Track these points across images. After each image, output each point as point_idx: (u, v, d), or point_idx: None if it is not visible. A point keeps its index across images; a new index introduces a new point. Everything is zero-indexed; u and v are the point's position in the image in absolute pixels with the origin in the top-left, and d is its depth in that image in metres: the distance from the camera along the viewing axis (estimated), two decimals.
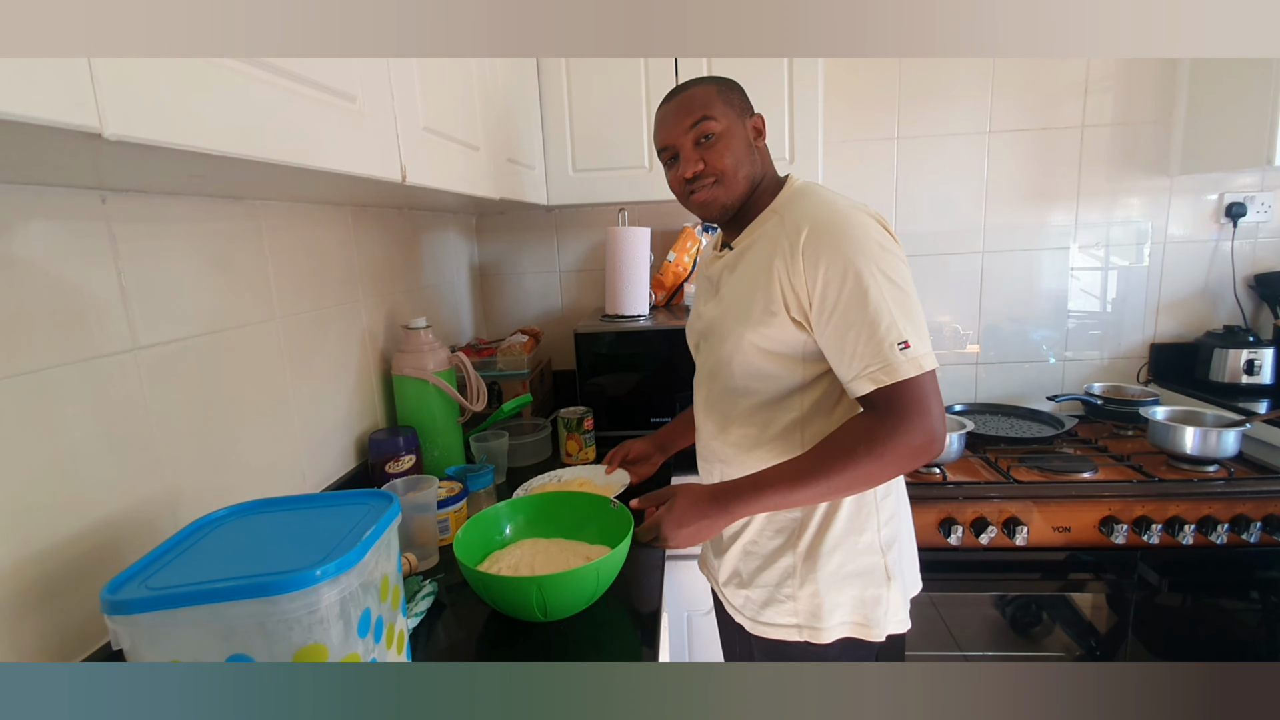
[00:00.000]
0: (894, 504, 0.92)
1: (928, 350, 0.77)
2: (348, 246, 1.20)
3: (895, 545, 0.91)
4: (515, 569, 0.86)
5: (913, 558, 0.98)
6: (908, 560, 0.96)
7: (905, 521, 0.96)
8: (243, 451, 0.92)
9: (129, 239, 0.74)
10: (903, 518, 0.95)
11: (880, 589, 0.89)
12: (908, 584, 0.94)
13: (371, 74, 0.73)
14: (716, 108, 0.87)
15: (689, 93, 0.88)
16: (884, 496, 0.90)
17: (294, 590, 0.51)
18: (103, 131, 0.38)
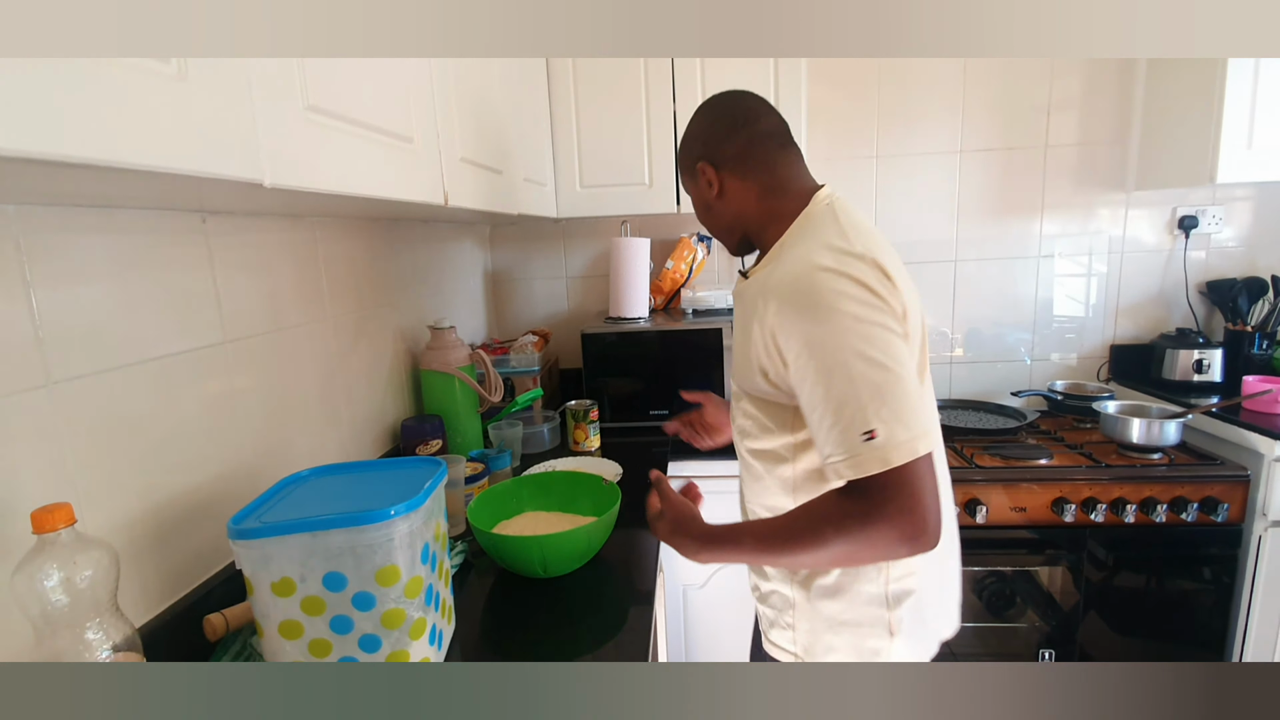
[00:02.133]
0: (919, 560, 0.80)
1: (908, 437, 0.67)
2: (384, 255, 1.37)
3: (910, 600, 0.82)
4: (520, 533, 1.01)
5: (941, 609, 0.88)
6: (931, 612, 0.85)
7: (930, 574, 0.84)
8: (300, 432, 1.07)
9: (222, 250, 0.90)
10: (928, 572, 0.83)
11: (880, 642, 0.82)
12: (925, 636, 0.86)
13: (423, 117, 0.89)
14: (683, 179, 0.92)
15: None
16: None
17: (377, 522, 0.67)
18: (265, 182, 0.55)
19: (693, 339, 1.67)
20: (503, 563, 0.98)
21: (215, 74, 0.50)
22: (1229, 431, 1.57)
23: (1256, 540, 1.51)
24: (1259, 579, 1.52)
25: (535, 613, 0.93)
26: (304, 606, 0.68)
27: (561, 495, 1.13)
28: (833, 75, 1.90)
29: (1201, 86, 1.63)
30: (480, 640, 0.87)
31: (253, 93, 0.54)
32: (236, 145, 0.52)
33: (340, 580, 0.67)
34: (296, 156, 0.60)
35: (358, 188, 0.71)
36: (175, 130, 0.47)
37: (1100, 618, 1.57)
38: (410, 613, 0.71)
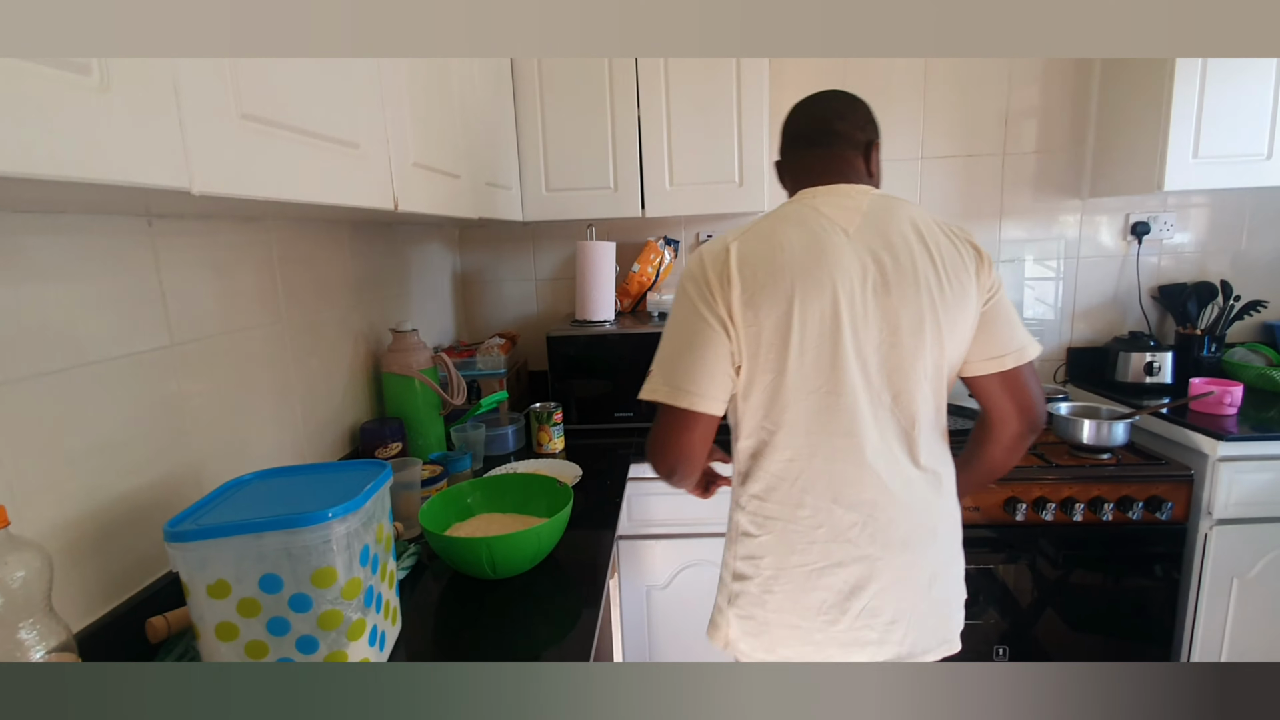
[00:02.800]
0: (763, 551, 0.92)
1: (660, 386, 0.88)
2: (344, 259, 1.37)
3: (749, 585, 0.93)
4: (473, 535, 1.02)
5: (788, 623, 0.92)
6: (775, 615, 0.92)
7: (771, 583, 0.92)
8: (254, 435, 1.08)
9: (169, 253, 0.90)
10: (770, 579, 0.92)
11: (723, 602, 0.97)
12: (759, 630, 0.94)
13: (373, 124, 0.90)
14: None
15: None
16: (745, 534, 0.94)
17: (312, 524, 0.68)
18: (192, 190, 0.55)
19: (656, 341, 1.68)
20: (454, 564, 0.99)
21: (139, 84, 0.51)
22: (1175, 432, 1.62)
23: (1202, 538, 1.56)
24: (1205, 575, 1.57)
25: (484, 614, 0.94)
26: (240, 609, 0.68)
27: (516, 498, 1.14)
28: (798, 82, 1.93)
29: (1150, 97, 1.68)
30: (426, 641, 0.88)
31: (180, 102, 0.55)
32: (162, 154, 0.53)
33: (276, 582, 0.68)
34: (229, 164, 0.61)
35: (297, 194, 0.72)
36: (96, 141, 0.47)
37: (1054, 614, 1.61)
38: (348, 614, 0.72)
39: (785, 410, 0.88)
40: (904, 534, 0.90)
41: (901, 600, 0.91)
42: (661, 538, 1.61)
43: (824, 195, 0.91)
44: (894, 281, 0.86)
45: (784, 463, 0.89)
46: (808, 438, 0.88)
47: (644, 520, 1.60)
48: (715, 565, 1.61)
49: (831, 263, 0.85)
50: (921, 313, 0.86)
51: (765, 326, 0.85)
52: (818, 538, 0.90)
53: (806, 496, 0.89)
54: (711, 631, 1.00)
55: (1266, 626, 1.59)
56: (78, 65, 0.46)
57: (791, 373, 0.86)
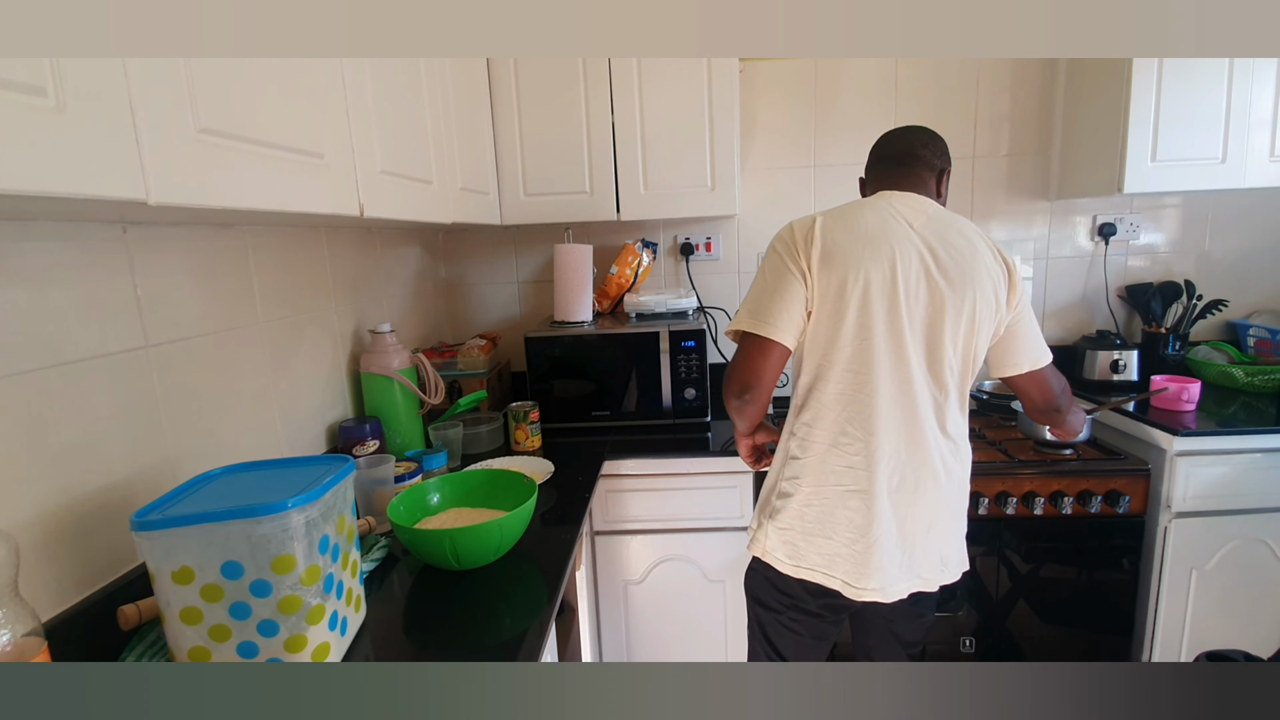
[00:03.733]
0: (804, 472, 1.10)
1: (745, 319, 1.08)
2: (322, 262, 1.41)
3: (790, 502, 1.11)
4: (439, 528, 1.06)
5: (819, 540, 1.10)
6: (808, 527, 1.10)
7: (811, 501, 1.10)
8: (231, 434, 1.12)
9: (143, 257, 0.95)
10: (810, 497, 1.10)
11: (763, 517, 1.17)
12: (792, 539, 1.12)
13: (338, 134, 0.94)
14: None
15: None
16: (792, 457, 1.12)
17: (271, 514, 0.72)
18: (148, 201, 0.60)
19: (632, 341, 1.73)
20: (421, 556, 1.03)
21: (94, 103, 0.55)
22: (1136, 428, 1.66)
23: (1162, 531, 1.60)
24: (1165, 567, 1.61)
25: (449, 604, 0.97)
26: (203, 594, 0.72)
27: (485, 493, 1.18)
28: (770, 87, 1.98)
29: (1110, 101, 1.72)
30: (392, 629, 0.92)
31: (136, 120, 0.59)
32: (118, 168, 0.57)
33: (238, 569, 0.72)
34: (187, 176, 0.65)
35: (257, 203, 0.76)
36: (53, 157, 0.52)
37: (1023, 606, 1.65)
38: (307, 599, 0.76)
39: (841, 351, 1.06)
40: (917, 480, 1.08)
41: (906, 536, 1.09)
42: (637, 533, 1.65)
43: (899, 197, 1.12)
44: (943, 271, 1.05)
45: (834, 395, 1.07)
46: (854, 378, 1.06)
47: (620, 516, 1.64)
48: (690, 560, 1.65)
49: (894, 242, 1.04)
50: (961, 303, 1.05)
51: (834, 281, 1.04)
52: (854, 463, 1.07)
53: (849, 426, 1.07)
54: (752, 545, 1.19)
55: (1224, 617, 1.63)
56: (33, 88, 0.50)
57: (850, 321, 1.04)
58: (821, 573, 1.11)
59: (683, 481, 1.62)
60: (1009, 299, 1.10)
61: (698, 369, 1.73)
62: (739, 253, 2.09)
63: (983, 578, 1.65)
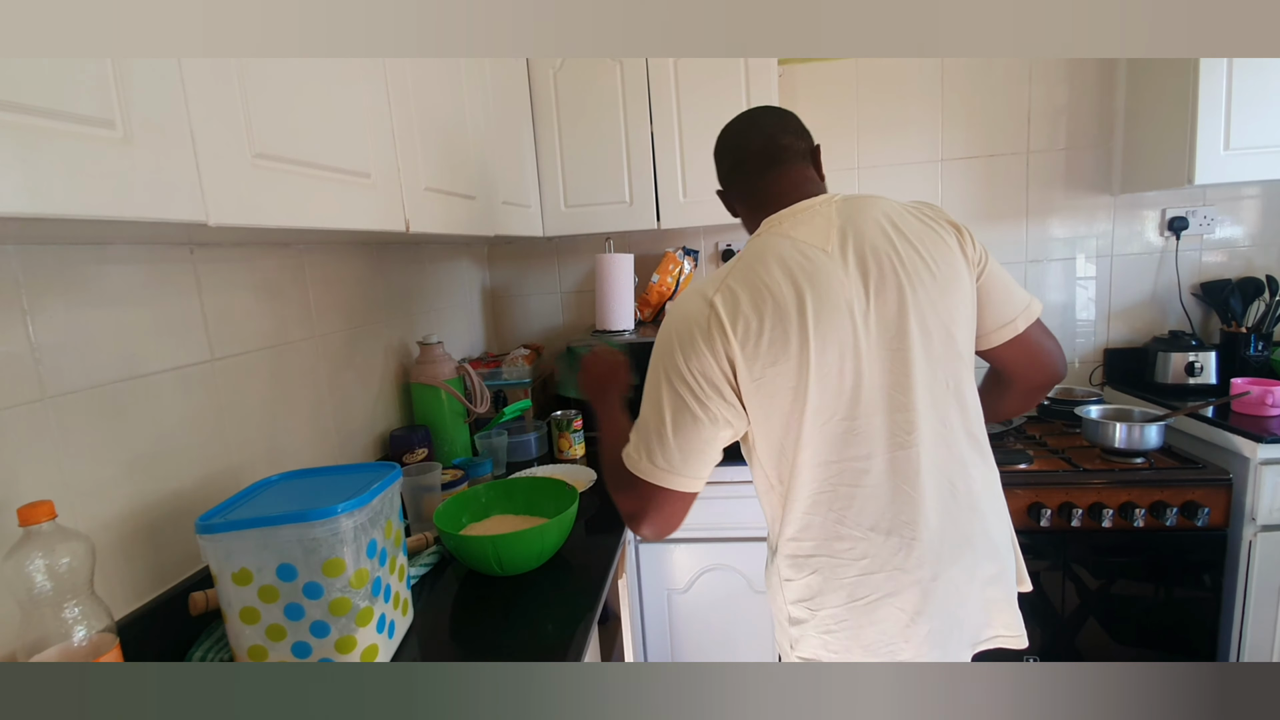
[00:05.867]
0: (809, 592, 0.88)
1: (644, 464, 0.84)
2: (374, 277, 1.47)
3: (807, 629, 0.89)
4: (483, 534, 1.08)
5: (857, 647, 0.87)
6: (836, 655, 0.88)
7: (829, 622, 0.87)
8: (290, 442, 1.17)
9: (209, 276, 1.01)
10: (828, 619, 0.87)
11: (787, 647, 0.93)
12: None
13: (384, 154, 0.98)
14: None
15: None
16: (787, 580, 0.90)
17: (322, 518, 0.75)
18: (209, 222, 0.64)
19: None
20: (466, 562, 1.06)
21: (158, 133, 0.59)
22: (1216, 435, 1.55)
23: (1246, 545, 1.49)
24: (1251, 584, 1.50)
25: (492, 609, 0.99)
26: (260, 595, 0.76)
27: (527, 500, 1.20)
28: (810, 90, 1.96)
29: (1177, 89, 1.63)
30: (438, 632, 0.95)
31: (196, 148, 0.63)
32: (180, 193, 0.61)
33: (291, 571, 0.76)
34: (243, 198, 0.69)
35: (308, 221, 0.80)
36: (123, 184, 0.56)
37: (1094, 625, 1.56)
38: (356, 602, 0.78)
39: (803, 450, 0.83)
40: (955, 542, 0.86)
41: (965, 610, 0.87)
42: (681, 542, 1.64)
43: (789, 219, 0.87)
44: (886, 288, 0.82)
45: (810, 499, 0.85)
46: (827, 470, 0.84)
47: None
48: (734, 569, 1.63)
49: (822, 292, 0.81)
50: (923, 312, 0.83)
51: (780, 376, 0.81)
52: (864, 568, 0.85)
53: (841, 528, 0.85)
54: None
55: None
56: (103, 121, 0.54)
57: (806, 412, 0.82)
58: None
59: (726, 490, 1.60)
60: (968, 256, 0.87)
61: None
62: None
63: (1048, 593, 1.57)
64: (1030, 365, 0.95)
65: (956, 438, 0.87)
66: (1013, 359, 0.94)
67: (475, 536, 1.01)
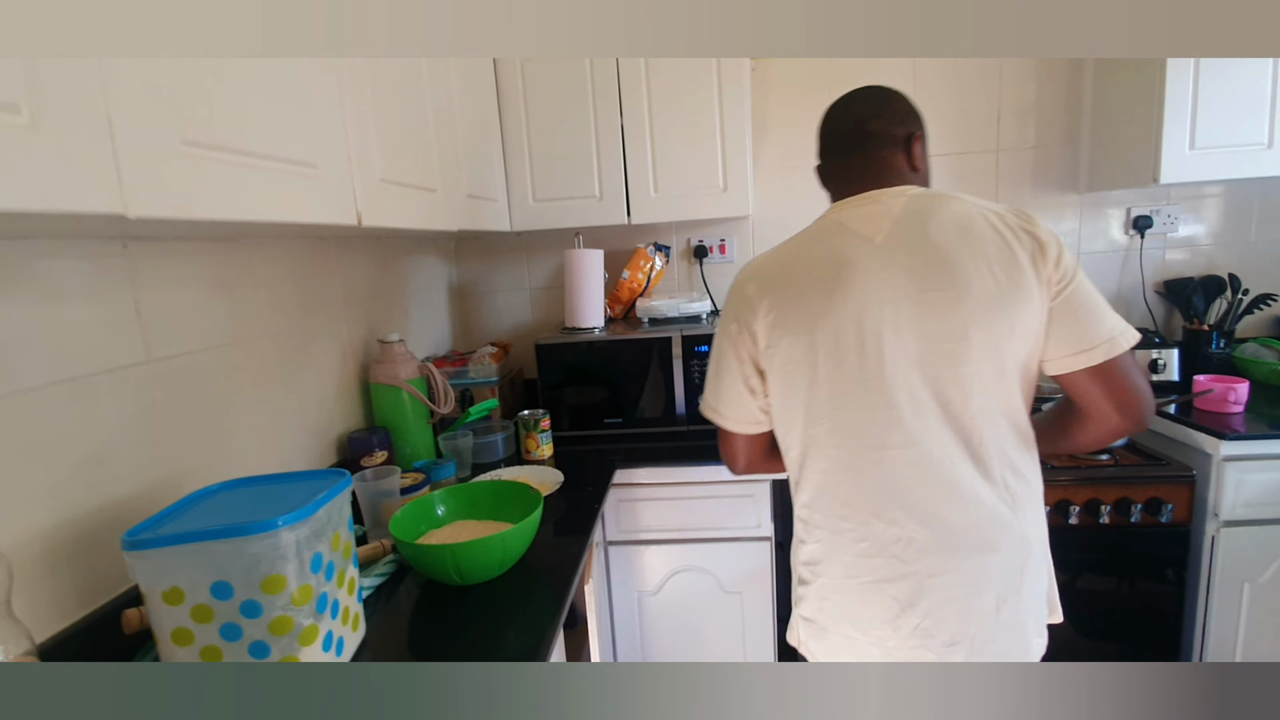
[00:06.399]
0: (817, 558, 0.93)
1: (703, 404, 1.00)
2: (332, 273, 1.41)
3: (809, 590, 0.95)
4: (442, 542, 1.04)
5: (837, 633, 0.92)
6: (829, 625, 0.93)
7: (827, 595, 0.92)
8: (238, 446, 1.11)
9: (146, 272, 0.94)
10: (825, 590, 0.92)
11: (793, 604, 1.00)
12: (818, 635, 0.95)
13: (333, 143, 0.93)
14: None
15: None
16: (801, 541, 0.96)
17: (261, 532, 0.71)
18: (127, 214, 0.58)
19: (644, 347, 1.69)
20: (424, 571, 1.01)
21: (70, 118, 0.54)
22: (1178, 432, 1.57)
23: (1209, 541, 1.51)
24: (1214, 579, 1.52)
25: (452, 621, 0.95)
26: (194, 615, 0.71)
27: (491, 504, 1.16)
28: (783, 84, 1.93)
29: (1143, 88, 1.64)
30: (393, 647, 0.90)
31: (114, 133, 0.58)
32: (95, 183, 0.56)
33: (227, 589, 0.71)
34: (170, 188, 0.64)
35: (246, 214, 0.74)
36: (28, 174, 0.50)
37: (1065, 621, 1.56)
38: (299, 620, 0.74)
39: (818, 425, 0.88)
40: (960, 552, 0.84)
41: (962, 622, 0.85)
42: (651, 543, 1.62)
43: (852, 207, 0.89)
44: (931, 287, 0.81)
45: (821, 474, 0.90)
46: (840, 451, 0.87)
47: (633, 526, 1.61)
48: (705, 570, 1.61)
49: (856, 277, 0.83)
50: (966, 318, 0.80)
51: (794, 348, 0.87)
52: (862, 551, 0.87)
53: (846, 509, 0.88)
54: (789, 632, 1.03)
55: None
56: (7, 105, 0.49)
57: (821, 389, 0.86)
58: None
59: (697, 490, 1.58)
60: (1040, 274, 0.81)
61: None
62: (754, 254, 2.02)
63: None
64: (1107, 401, 0.85)
65: (986, 453, 0.83)
66: (1087, 391, 0.85)
67: (433, 545, 0.96)
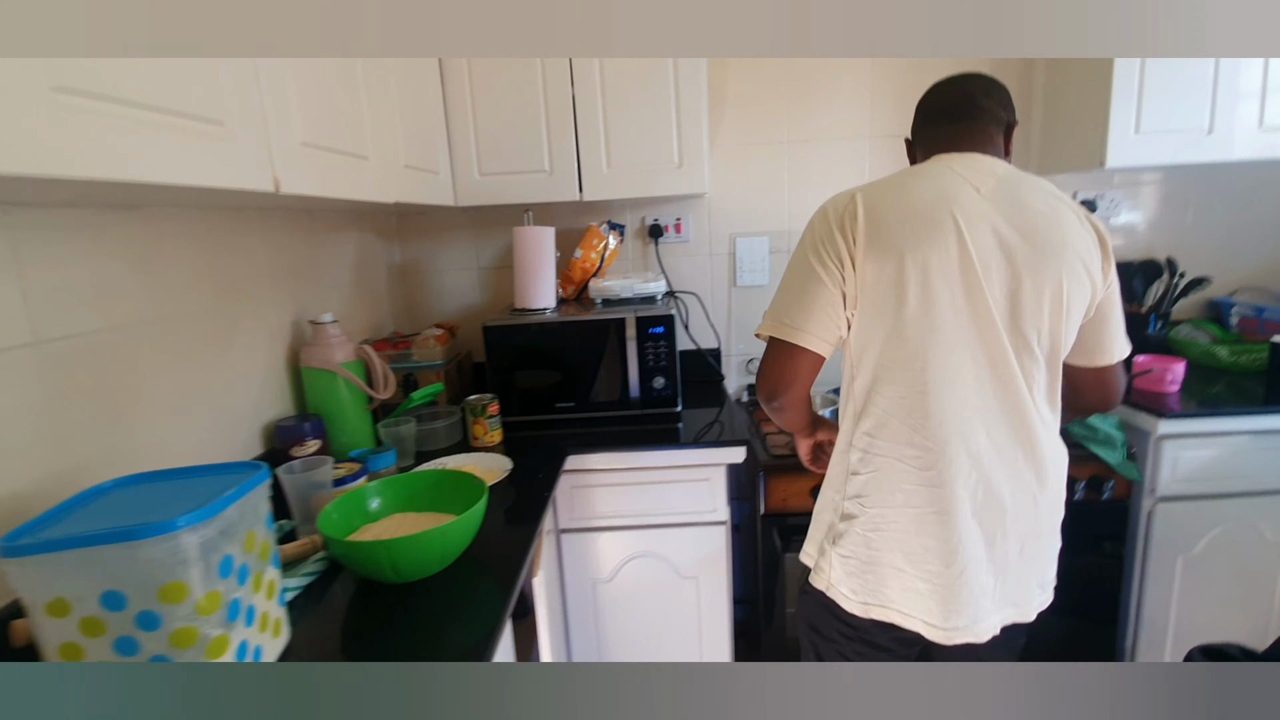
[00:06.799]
0: (870, 490, 0.94)
1: (767, 322, 0.95)
2: (255, 247, 1.30)
3: (854, 525, 0.95)
4: (379, 538, 0.96)
5: (900, 572, 0.93)
6: (885, 557, 0.93)
7: (879, 525, 0.93)
8: (147, 437, 1.01)
9: (31, 245, 0.83)
10: (878, 520, 0.93)
11: (826, 543, 0.99)
12: (865, 571, 0.95)
13: (246, 99, 0.83)
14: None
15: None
16: (854, 473, 0.95)
17: (157, 535, 0.63)
18: None
19: (597, 329, 1.63)
20: (357, 570, 0.94)
21: None
22: (1120, 411, 1.61)
23: (1146, 516, 1.56)
24: (1150, 552, 1.57)
25: (388, 621, 0.88)
26: (82, 628, 0.63)
27: (432, 496, 1.09)
28: (742, 60, 1.88)
29: (1092, 72, 1.65)
30: (317, 653, 0.83)
31: None
32: None
33: (119, 600, 0.63)
34: (37, 141, 0.55)
35: (136, 174, 0.65)
36: None
37: None
38: (205, 631, 0.66)
39: (901, 348, 0.89)
40: (1009, 493, 0.91)
41: (997, 561, 0.93)
42: (605, 530, 1.57)
43: (959, 159, 0.93)
44: (1023, 242, 0.87)
45: (896, 398, 0.91)
46: (920, 376, 0.89)
47: (586, 513, 1.56)
48: (660, 556, 1.58)
49: (958, 213, 0.87)
50: (1044, 279, 0.87)
51: (886, 269, 0.87)
52: (928, 479, 0.90)
53: (916, 435, 0.90)
54: (814, 575, 1.02)
55: (1213, 603, 1.59)
56: None
57: (910, 312, 0.88)
58: (898, 612, 0.94)
59: (652, 475, 1.54)
60: (1104, 271, 0.92)
61: (667, 357, 1.64)
62: (710, 234, 2.00)
63: None
64: (1092, 392, 1.02)
65: (1050, 401, 0.94)
66: (1084, 382, 1.01)
67: (365, 542, 0.89)
